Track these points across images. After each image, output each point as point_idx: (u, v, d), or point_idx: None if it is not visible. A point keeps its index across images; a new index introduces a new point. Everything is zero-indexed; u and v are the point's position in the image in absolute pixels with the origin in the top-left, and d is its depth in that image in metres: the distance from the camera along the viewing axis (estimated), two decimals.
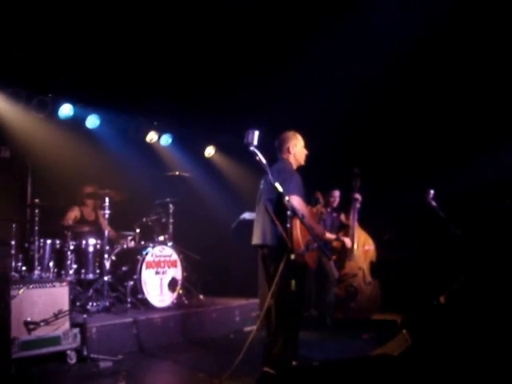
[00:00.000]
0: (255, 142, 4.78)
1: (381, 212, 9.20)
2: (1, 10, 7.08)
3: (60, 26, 7.59)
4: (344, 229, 8.87)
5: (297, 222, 5.21)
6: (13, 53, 7.64)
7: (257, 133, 4.79)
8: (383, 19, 7.76)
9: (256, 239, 5.65)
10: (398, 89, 8.98)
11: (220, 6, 7.81)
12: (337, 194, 8.86)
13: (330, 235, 8.62)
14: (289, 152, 5.75)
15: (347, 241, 8.66)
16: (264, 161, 4.89)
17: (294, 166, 5.77)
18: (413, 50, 8.20)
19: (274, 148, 5.79)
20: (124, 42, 8.11)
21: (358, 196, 8.72)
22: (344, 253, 8.74)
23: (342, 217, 9.01)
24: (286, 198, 4.89)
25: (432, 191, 7.47)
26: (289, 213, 4.87)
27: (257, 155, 4.82)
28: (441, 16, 7.70)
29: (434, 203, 7.46)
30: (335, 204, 8.87)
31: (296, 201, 5.24)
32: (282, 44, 8.48)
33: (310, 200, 6.09)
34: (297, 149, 5.78)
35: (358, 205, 8.75)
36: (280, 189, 4.92)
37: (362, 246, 8.82)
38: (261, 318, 5.46)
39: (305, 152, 5.87)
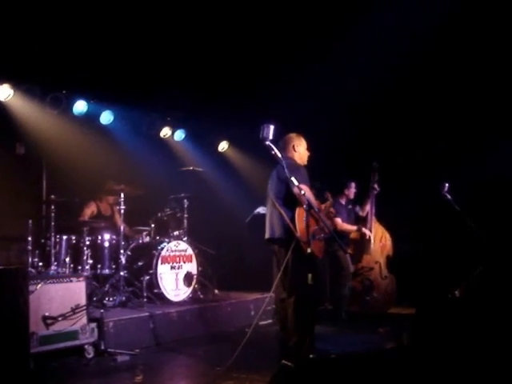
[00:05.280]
0: (270, 137, 4.81)
1: (396, 206, 9.17)
2: (14, 8, 7.13)
3: (73, 22, 7.62)
4: (362, 221, 8.85)
5: (301, 212, 5.27)
6: (27, 50, 7.67)
7: (272, 127, 4.82)
8: (392, 16, 7.78)
9: (266, 234, 5.79)
10: (414, 83, 8.97)
11: (230, 3, 7.86)
12: (353, 185, 8.83)
13: (350, 226, 8.62)
14: (294, 150, 5.85)
15: (368, 232, 8.64)
16: (279, 155, 4.92)
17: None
18: (426, 41, 8.18)
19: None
20: (137, 37, 8.14)
21: (376, 189, 8.69)
22: (361, 246, 8.72)
23: (357, 209, 8.99)
24: (302, 191, 4.94)
25: (447, 184, 7.45)
26: (305, 207, 4.93)
27: (272, 149, 4.85)
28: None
29: (448, 196, 7.44)
30: (352, 196, 8.86)
31: (305, 189, 5.32)
32: (295, 39, 8.48)
33: (320, 196, 6.13)
34: (301, 148, 5.89)
35: (375, 192, 8.71)
36: (296, 182, 4.97)
37: (379, 240, 8.80)
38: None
39: (307, 153, 5.96)
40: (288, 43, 8.56)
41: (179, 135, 10.38)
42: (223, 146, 11.07)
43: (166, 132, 10.15)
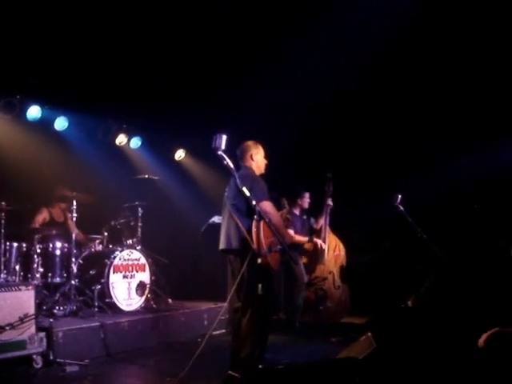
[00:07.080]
0: (223, 147, 4.80)
1: (350, 216, 9.26)
2: None
3: (28, 26, 7.53)
4: (316, 232, 8.90)
5: (259, 224, 5.23)
6: None
7: (224, 137, 4.80)
8: (345, 25, 7.89)
9: (222, 244, 5.68)
10: (366, 95, 9.11)
11: (188, 12, 7.86)
12: (307, 195, 8.85)
13: (301, 238, 8.64)
14: (252, 159, 5.77)
15: (319, 242, 8.68)
16: (231, 165, 4.92)
17: (257, 174, 5.80)
18: (379, 53, 8.33)
19: (235, 157, 5.78)
20: (92, 44, 8.07)
21: (330, 202, 8.74)
22: (315, 256, 8.76)
23: (312, 221, 9.03)
24: (254, 202, 4.94)
25: (400, 195, 7.54)
26: (256, 217, 4.92)
27: (224, 159, 4.84)
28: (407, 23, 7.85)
29: (401, 207, 7.53)
30: (306, 205, 8.88)
31: (268, 206, 5.33)
32: (250, 47, 8.54)
33: (277, 205, 6.13)
34: (258, 157, 5.82)
35: (329, 207, 8.77)
36: (247, 193, 4.96)
37: (332, 250, 8.86)
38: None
39: (265, 161, 5.91)
40: (241, 52, 8.61)
41: (135, 143, 10.27)
42: (180, 154, 10.99)
43: (121, 139, 10.02)
